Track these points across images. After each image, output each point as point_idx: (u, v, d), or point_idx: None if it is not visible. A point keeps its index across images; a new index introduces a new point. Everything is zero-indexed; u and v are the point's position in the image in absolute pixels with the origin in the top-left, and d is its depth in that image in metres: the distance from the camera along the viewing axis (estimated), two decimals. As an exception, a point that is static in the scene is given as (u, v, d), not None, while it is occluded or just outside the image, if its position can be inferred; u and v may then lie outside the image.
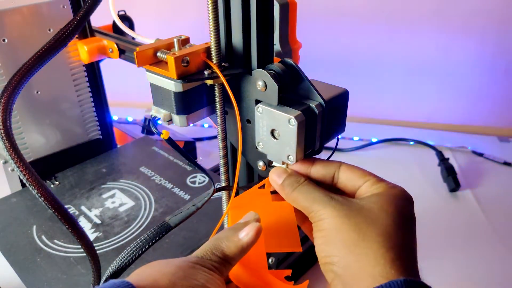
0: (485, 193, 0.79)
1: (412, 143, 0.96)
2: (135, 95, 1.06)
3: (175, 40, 0.36)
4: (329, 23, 1.01)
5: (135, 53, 0.36)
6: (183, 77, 0.36)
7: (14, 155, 0.35)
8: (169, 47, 0.37)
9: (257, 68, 0.37)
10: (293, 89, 0.36)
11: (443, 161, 0.85)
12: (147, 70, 0.37)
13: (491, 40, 0.95)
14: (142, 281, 0.26)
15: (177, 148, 0.38)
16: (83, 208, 0.63)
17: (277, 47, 0.56)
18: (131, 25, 0.71)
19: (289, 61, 0.36)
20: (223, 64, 0.37)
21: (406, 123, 1.06)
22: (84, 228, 0.43)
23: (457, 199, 0.78)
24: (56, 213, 0.36)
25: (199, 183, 0.69)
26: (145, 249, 0.33)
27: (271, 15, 0.37)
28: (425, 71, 1.01)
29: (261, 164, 0.41)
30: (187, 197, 0.65)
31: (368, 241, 0.29)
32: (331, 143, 0.40)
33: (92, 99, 0.73)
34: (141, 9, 0.88)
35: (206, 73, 0.36)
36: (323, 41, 1.00)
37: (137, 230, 0.59)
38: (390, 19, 0.98)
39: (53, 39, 0.39)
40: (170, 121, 0.39)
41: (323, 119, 0.35)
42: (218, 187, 0.40)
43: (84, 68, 0.70)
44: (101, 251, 0.55)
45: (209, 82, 0.37)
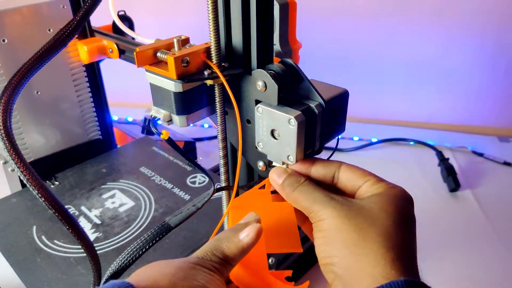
0: (485, 193, 0.79)
1: (412, 143, 0.96)
2: (135, 95, 1.06)
3: (175, 40, 0.36)
4: (329, 23, 1.01)
5: (135, 53, 0.36)
6: (183, 77, 0.36)
7: (14, 155, 0.35)
8: (169, 47, 0.37)
9: (257, 68, 0.37)
10: (293, 89, 0.36)
11: (443, 161, 0.85)
12: (147, 70, 0.37)
13: (491, 40, 0.95)
14: (142, 282, 0.26)
15: (177, 148, 0.38)
16: (83, 208, 0.63)
17: (277, 47, 0.56)
18: (131, 25, 0.71)
19: (289, 61, 0.36)
20: (223, 64, 0.37)
21: (406, 123, 1.06)
22: (84, 228, 0.43)
23: (457, 199, 0.78)
24: (56, 214, 0.36)
25: (199, 183, 0.69)
26: (145, 249, 0.33)
27: (271, 15, 0.37)
28: (425, 71, 1.01)
29: (261, 164, 0.41)
30: (187, 197, 0.65)
31: (368, 242, 0.29)
32: (331, 143, 0.40)
33: (92, 99, 0.73)
34: (141, 9, 0.88)
35: (206, 73, 0.36)
36: (323, 41, 1.00)
37: (137, 230, 0.59)
38: (390, 19, 0.98)
39: (53, 39, 0.39)
40: (170, 121, 0.39)
41: (323, 119, 0.35)
42: (218, 187, 0.40)
43: (84, 68, 0.70)
44: (101, 251, 0.55)
45: (209, 82, 0.37)
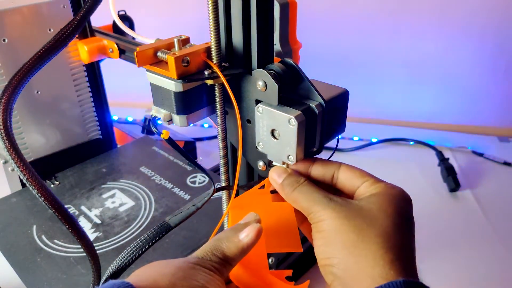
0: (485, 193, 0.79)
1: (412, 143, 0.96)
2: (135, 95, 1.06)
3: (175, 40, 0.36)
4: (329, 23, 1.01)
5: (135, 53, 0.36)
6: (183, 77, 0.36)
7: (14, 155, 0.35)
8: (169, 47, 0.37)
9: (257, 68, 0.37)
10: (293, 89, 0.36)
11: (443, 161, 0.85)
12: (147, 70, 0.37)
13: (491, 40, 0.95)
14: (142, 282, 0.26)
15: (177, 148, 0.38)
16: (83, 208, 0.63)
17: (277, 47, 0.56)
18: (131, 25, 0.72)
19: (289, 61, 0.36)
20: (223, 64, 0.37)
21: (406, 123, 1.06)
22: (84, 228, 0.43)
23: (457, 199, 0.78)
24: (56, 213, 0.36)
25: (199, 183, 0.69)
26: (145, 249, 0.33)
27: (271, 15, 0.37)
28: (425, 71, 1.01)
29: (261, 164, 0.41)
30: (187, 197, 0.65)
31: (367, 242, 0.29)
32: (331, 143, 0.40)
33: (92, 99, 0.73)
34: (141, 9, 0.88)
35: (206, 73, 0.36)
36: (323, 41, 1.00)
37: (137, 230, 0.59)
38: (390, 19, 0.98)
39: (53, 39, 0.39)
40: (170, 121, 0.39)
41: (323, 119, 0.35)
42: (218, 187, 0.40)
43: (84, 68, 0.70)
44: (101, 251, 0.55)
45: (209, 82, 0.37)
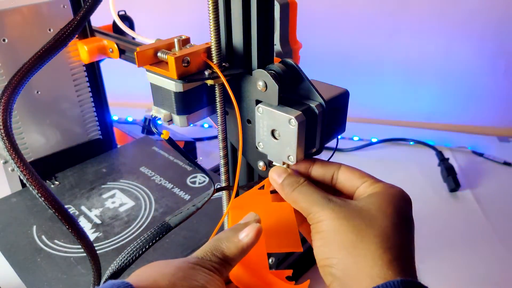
0: (485, 193, 0.79)
1: (412, 143, 0.96)
2: (135, 95, 1.06)
3: (176, 40, 0.36)
4: (329, 23, 1.01)
5: (135, 53, 0.36)
6: (183, 77, 0.36)
7: (14, 155, 0.35)
8: (169, 47, 0.37)
9: (258, 68, 0.37)
10: (293, 89, 0.36)
11: (443, 161, 0.85)
12: (147, 70, 0.37)
13: (491, 40, 0.95)
14: (141, 282, 0.26)
15: (177, 148, 0.38)
16: (83, 208, 0.63)
17: (277, 47, 0.56)
18: (131, 25, 0.71)
19: (290, 61, 0.36)
20: (224, 64, 0.37)
21: (406, 123, 1.06)
22: (84, 228, 0.43)
23: (457, 199, 0.78)
24: (56, 213, 0.36)
25: (199, 183, 0.69)
26: (145, 249, 0.33)
27: (271, 15, 0.37)
28: (425, 71, 1.01)
29: (261, 164, 0.41)
30: (187, 197, 0.65)
31: (366, 242, 0.29)
32: (331, 143, 0.40)
33: (92, 99, 0.73)
34: (142, 9, 0.88)
35: (206, 73, 0.36)
36: (323, 41, 1.00)
37: (137, 230, 0.59)
38: (390, 19, 0.98)
39: (53, 39, 0.39)
40: (170, 121, 0.39)
41: (323, 119, 0.35)
42: (218, 187, 0.40)
43: (84, 68, 0.70)
44: (101, 251, 0.55)
45: (210, 82, 0.37)
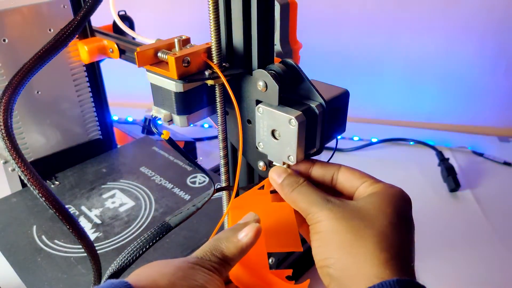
0: (485, 193, 0.79)
1: (412, 143, 0.96)
2: (135, 95, 1.06)
3: (176, 40, 0.36)
4: (329, 23, 1.01)
5: (135, 53, 0.36)
6: (183, 77, 0.36)
7: (15, 155, 0.35)
8: (169, 47, 0.37)
9: (258, 68, 0.37)
10: (293, 89, 0.36)
11: (443, 161, 0.85)
12: (147, 70, 0.38)
13: (492, 39, 0.95)
14: (141, 281, 0.26)
15: (177, 148, 0.38)
16: (83, 208, 0.63)
17: (277, 47, 0.56)
18: (131, 25, 0.71)
19: (290, 61, 0.36)
20: (224, 64, 0.37)
21: (406, 123, 1.06)
22: (84, 228, 0.43)
23: (457, 199, 0.78)
24: (57, 213, 0.36)
25: (199, 183, 0.69)
26: (145, 249, 0.33)
27: (271, 15, 0.37)
28: (425, 71, 1.01)
29: (261, 164, 0.41)
30: (187, 197, 0.65)
31: (364, 242, 0.29)
32: (331, 143, 0.40)
33: (92, 99, 0.73)
34: (142, 9, 0.88)
35: (206, 73, 0.36)
36: (323, 41, 1.00)
37: (137, 230, 0.59)
38: (390, 19, 0.98)
39: (53, 39, 0.39)
40: (170, 121, 0.39)
41: (323, 120, 0.36)
42: (218, 187, 0.40)
43: (84, 68, 0.70)
44: (101, 251, 0.56)
45: (210, 82, 0.37)
